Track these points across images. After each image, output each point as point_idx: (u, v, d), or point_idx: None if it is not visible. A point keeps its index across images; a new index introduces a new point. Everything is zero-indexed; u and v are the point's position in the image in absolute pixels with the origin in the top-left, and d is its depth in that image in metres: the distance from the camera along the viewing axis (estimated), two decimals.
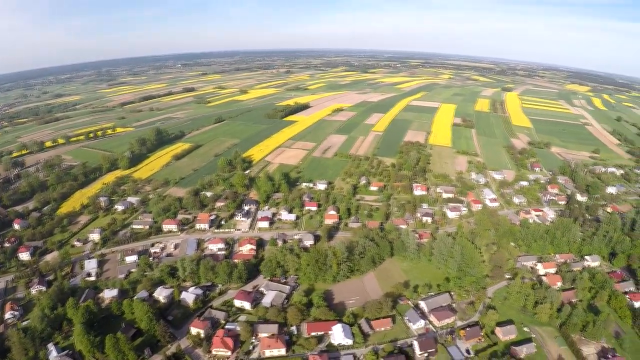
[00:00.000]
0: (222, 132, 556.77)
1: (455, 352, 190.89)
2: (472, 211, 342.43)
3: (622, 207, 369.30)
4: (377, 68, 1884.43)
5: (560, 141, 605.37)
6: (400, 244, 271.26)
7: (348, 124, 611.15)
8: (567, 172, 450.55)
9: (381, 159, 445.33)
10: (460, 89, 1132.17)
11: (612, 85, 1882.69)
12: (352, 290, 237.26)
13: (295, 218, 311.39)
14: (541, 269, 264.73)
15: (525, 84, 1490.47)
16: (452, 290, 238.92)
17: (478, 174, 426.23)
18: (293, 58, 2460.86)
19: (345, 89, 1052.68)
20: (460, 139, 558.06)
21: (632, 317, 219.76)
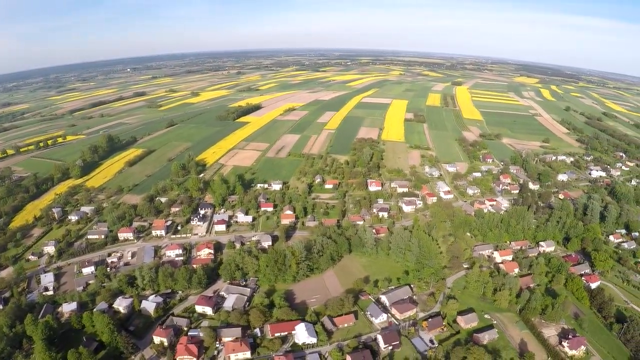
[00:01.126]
0: (174, 136, 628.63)
1: (419, 343, 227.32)
2: (427, 204, 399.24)
3: (574, 193, 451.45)
4: (328, 66, 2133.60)
5: (511, 132, 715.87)
6: (358, 240, 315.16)
7: (301, 123, 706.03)
8: (518, 162, 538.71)
9: (335, 157, 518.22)
10: (411, 85, 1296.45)
11: (560, 76, 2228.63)
12: (313, 288, 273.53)
13: (251, 219, 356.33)
14: (498, 257, 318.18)
15: (474, 77, 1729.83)
16: (412, 282, 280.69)
17: (431, 167, 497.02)
18: (244, 59, 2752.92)
19: (297, 88, 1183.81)
20: (412, 134, 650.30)
21: (589, 297, 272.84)
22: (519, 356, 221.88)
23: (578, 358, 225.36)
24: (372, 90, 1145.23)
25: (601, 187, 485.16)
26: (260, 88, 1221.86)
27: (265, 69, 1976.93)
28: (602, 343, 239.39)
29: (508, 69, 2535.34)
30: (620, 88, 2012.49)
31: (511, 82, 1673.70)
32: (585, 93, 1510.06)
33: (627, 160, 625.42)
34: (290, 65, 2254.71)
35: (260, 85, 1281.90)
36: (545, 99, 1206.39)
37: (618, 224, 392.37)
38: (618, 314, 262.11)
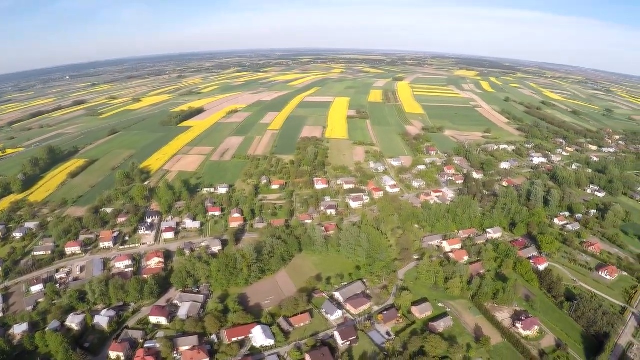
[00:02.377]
0: (117, 144, 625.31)
1: (376, 337, 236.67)
2: (374, 199, 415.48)
3: (517, 180, 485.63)
4: (269, 67, 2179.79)
5: (453, 124, 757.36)
6: (308, 238, 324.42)
7: (244, 125, 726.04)
8: (461, 153, 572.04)
9: (280, 157, 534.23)
10: (352, 82, 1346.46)
11: (499, 68, 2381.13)
12: (267, 290, 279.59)
13: (200, 225, 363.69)
14: (447, 246, 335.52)
15: (415, 73, 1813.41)
16: (364, 277, 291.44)
17: (376, 162, 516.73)
18: (185, 62, 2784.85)
19: (239, 90, 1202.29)
20: (356, 131, 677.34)
21: (539, 279, 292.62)
22: (475, 341, 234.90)
23: (532, 338, 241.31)
24: (314, 89, 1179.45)
25: (543, 172, 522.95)
26: (202, 91, 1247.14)
27: (206, 72, 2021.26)
28: (554, 322, 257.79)
29: (448, 63, 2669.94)
30: (557, 77, 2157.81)
31: (451, 75, 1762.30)
32: (523, 83, 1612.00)
33: (566, 146, 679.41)
34: (231, 67, 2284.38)
35: (202, 89, 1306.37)
36: (485, 91, 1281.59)
37: (561, 207, 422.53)
38: (567, 293, 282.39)
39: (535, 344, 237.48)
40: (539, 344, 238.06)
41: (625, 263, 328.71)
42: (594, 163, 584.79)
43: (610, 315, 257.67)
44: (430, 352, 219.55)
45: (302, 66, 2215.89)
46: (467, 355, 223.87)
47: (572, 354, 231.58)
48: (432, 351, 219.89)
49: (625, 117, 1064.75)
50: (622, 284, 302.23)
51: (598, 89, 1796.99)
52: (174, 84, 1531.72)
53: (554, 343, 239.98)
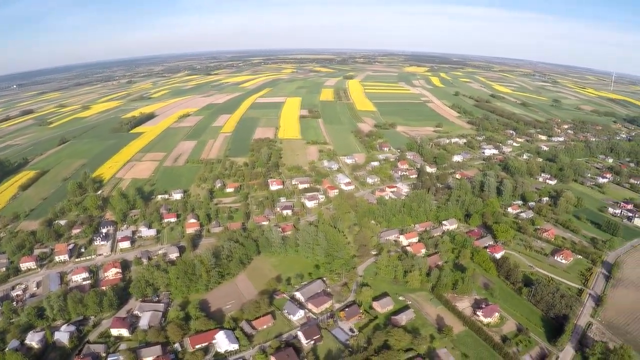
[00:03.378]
0: (68, 153, 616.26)
1: (340, 334, 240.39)
2: (329, 197, 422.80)
3: (470, 172, 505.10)
4: (220, 69, 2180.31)
5: (405, 120, 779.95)
6: (265, 240, 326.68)
7: (196, 129, 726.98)
8: (414, 148, 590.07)
9: (234, 160, 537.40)
10: (303, 82, 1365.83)
11: (448, 64, 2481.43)
12: (227, 294, 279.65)
13: (156, 233, 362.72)
14: (404, 240, 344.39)
15: (365, 70, 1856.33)
16: (324, 276, 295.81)
17: (330, 161, 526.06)
18: (134, 67, 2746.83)
19: (190, 94, 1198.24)
20: (308, 130, 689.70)
21: (496, 267, 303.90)
22: (437, 331, 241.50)
23: (494, 324, 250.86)
24: (266, 89, 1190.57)
25: (495, 164, 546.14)
26: (152, 96, 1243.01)
27: (156, 76, 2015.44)
28: (514, 307, 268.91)
29: (398, 60, 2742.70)
30: (505, 71, 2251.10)
31: (401, 72, 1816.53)
32: (472, 78, 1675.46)
33: (516, 137, 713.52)
34: (182, 70, 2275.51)
35: (152, 93, 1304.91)
36: (435, 86, 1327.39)
37: (514, 196, 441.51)
38: (525, 279, 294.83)
39: (496, 330, 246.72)
40: (500, 330, 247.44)
41: (579, 247, 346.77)
42: (544, 152, 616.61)
43: (568, 297, 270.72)
44: (394, 346, 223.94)
45: (253, 67, 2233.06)
46: (431, 346, 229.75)
47: (534, 338, 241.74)
48: (396, 344, 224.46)
49: (573, 106, 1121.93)
50: (578, 267, 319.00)
51: (545, 80, 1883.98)
52: (124, 89, 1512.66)
53: (515, 328, 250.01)
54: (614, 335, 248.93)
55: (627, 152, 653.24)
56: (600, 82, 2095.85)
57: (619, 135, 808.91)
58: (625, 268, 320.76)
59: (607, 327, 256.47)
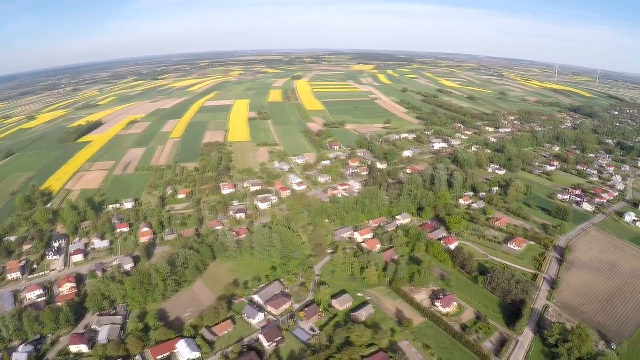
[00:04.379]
0: (14, 166, 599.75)
1: (301, 334, 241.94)
2: (282, 198, 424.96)
3: (420, 167, 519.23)
4: (167, 73, 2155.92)
5: (354, 118, 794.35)
6: (220, 245, 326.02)
7: (145, 136, 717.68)
8: (364, 145, 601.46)
9: (184, 165, 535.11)
10: (252, 84, 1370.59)
11: (395, 61, 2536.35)
12: (185, 302, 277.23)
13: (109, 244, 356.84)
14: (359, 237, 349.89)
15: (313, 70, 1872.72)
16: (281, 277, 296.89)
17: (281, 162, 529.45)
18: (79, 74, 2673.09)
19: (138, 100, 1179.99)
20: (258, 132, 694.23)
21: (451, 258, 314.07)
22: (398, 325, 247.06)
23: (453, 314, 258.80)
24: (214, 93, 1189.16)
25: (445, 157, 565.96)
26: (99, 104, 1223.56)
27: (103, 83, 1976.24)
28: (471, 296, 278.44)
29: (345, 58, 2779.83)
30: (451, 66, 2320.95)
31: (349, 70, 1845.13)
32: (419, 74, 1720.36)
33: (465, 130, 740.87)
34: (128, 76, 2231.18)
35: (99, 101, 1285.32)
36: (382, 83, 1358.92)
37: (465, 187, 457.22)
38: (480, 268, 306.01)
39: (456, 319, 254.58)
40: (459, 319, 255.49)
41: (531, 233, 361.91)
42: (492, 144, 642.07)
43: (523, 283, 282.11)
44: (356, 342, 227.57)
45: (200, 71, 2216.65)
46: (393, 340, 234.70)
47: (493, 324, 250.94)
48: (357, 340, 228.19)
49: (518, 98, 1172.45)
50: (531, 253, 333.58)
51: (491, 74, 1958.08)
52: (70, 97, 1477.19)
53: (474, 316, 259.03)
54: (570, 316, 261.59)
55: (572, 140, 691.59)
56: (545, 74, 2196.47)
57: (564, 125, 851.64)
58: (577, 251, 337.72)
59: (563, 309, 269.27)
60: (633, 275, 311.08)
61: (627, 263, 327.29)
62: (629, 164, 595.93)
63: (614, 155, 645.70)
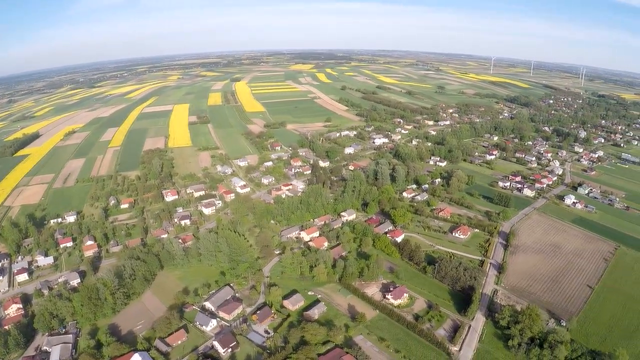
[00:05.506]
0: None
1: (256, 337, 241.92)
2: (226, 202, 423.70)
3: (362, 163, 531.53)
4: (104, 80, 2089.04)
5: (294, 118, 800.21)
6: (167, 254, 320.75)
7: (84, 146, 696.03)
8: (306, 144, 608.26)
9: (125, 174, 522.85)
10: (190, 88, 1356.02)
11: (334, 59, 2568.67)
12: (136, 315, 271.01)
13: (53, 260, 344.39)
14: (306, 236, 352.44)
15: (252, 71, 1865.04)
16: (230, 281, 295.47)
17: (223, 165, 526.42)
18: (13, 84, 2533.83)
19: (75, 109, 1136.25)
20: (199, 136, 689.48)
21: (398, 250, 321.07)
22: (351, 320, 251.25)
23: (404, 305, 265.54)
24: (152, 98, 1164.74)
25: (386, 152, 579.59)
26: (36, 114, 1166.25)
27: (38, 93, 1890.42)
28: (421, 286, 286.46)
29: (283, 59, 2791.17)
30: (389, 62, 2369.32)
31: (288, 70, 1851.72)
32: (358, 71, 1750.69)
33: (405, 125, 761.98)
34: (65, 84, 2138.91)
35: (35, 112, 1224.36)
36: (321, 82, 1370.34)
37: (408, 180, 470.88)
38: (428, 258, 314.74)
39: (408, 310, 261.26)
40: (411, 309, 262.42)
41: (475, 221, 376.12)
42: (432, 136, 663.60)
43: (471, 269, 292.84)
44: (311, 340, 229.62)
45: (138, 76, 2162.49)
46: (347, 335, 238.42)
47: (445, 312, 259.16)
48: (312, 339, 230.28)
49: (456, 91, 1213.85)
50: (476, 240, 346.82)
51: (429, 69, 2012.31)
52: (5, 109, 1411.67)
53: (425, 306, 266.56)
54: (519, 297, 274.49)
55: (510, 129, 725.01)
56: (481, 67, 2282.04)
57: (501, 115, 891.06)
58: (520, 235, 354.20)
59: (512, 292, 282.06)
60: (576, 254, 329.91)
61: (570, 243, 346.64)
62: (565, 149, 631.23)
63: (551, 141, 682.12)
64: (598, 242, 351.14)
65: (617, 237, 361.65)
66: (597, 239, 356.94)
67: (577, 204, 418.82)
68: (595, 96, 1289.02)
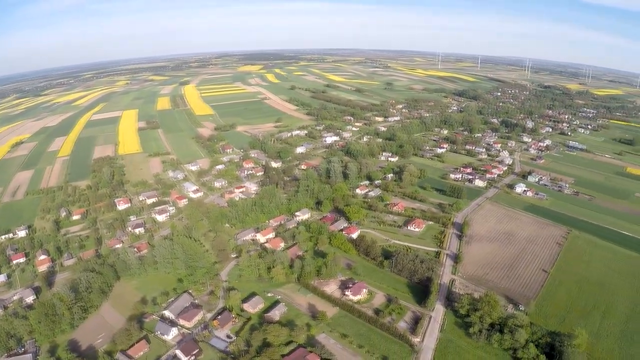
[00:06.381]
0: None
1: (218, 343, 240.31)
2: (179, 208, 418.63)
3: (314, 161, 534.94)
4: (50, 88, 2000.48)
5: (244, 119, 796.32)
6: (122, 264, 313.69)
7: (32, 157, 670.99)
8: (257, 146, 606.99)
9: (76, 185, 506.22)
10: (139, 93, 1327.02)
11: (282, 59, 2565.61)
12: (95, 328, 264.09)
13: (6, 278, 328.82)
14: (261, 238, 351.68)
15: (200, 74, 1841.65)
16: (189, 288, 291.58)
17: (175, 170, 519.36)
18: None
19: (21, 119, 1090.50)
20: (149, 142, 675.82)
21: (355, 247, 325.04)
22: (312, 319, 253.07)
23: (364, 300, 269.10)
24: (100, 105, 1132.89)
25: (337, 149, 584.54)
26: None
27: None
28: (379, 281, 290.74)
29: (232, 60, 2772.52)
30: (338, 61, 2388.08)
31: (236, 72, 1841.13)
32: (307, 70, 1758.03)
33: (355, 122, 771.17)
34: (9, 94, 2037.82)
35: None
36: (270, 82, 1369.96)
37: (360, 177, 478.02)
38: (384, 252, 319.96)
39: (368, 305, 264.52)
40: (371, 304, 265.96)
41: (428, 213, 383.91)
42: (383, 132, 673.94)
43: (427, 261, 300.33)
44: (274, 342, 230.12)
45: (85, 83, 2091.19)
46: (310, 334, 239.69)
47: (404, 304, 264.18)
48: (275, 340, 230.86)
49: (405, 87, 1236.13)
50: (431, 232, 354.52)
51: (377, 66, 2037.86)
52: None
53: (385, 300, 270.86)
54: (476, 286, 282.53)
55: (459, 123, 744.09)
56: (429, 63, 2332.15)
57: (450, 108, 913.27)
58: (474, 225, 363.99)
59: (469, 280, 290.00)
60: (529, 240, 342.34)
61: (523, 230, 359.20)
62: (514, 139, 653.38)
63: (500, 132, 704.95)
64: (550, 227, 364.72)
65: (568, 221, 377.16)
66: (549, 224, 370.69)
67: (528, 192, 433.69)
68: (541, 87, 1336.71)
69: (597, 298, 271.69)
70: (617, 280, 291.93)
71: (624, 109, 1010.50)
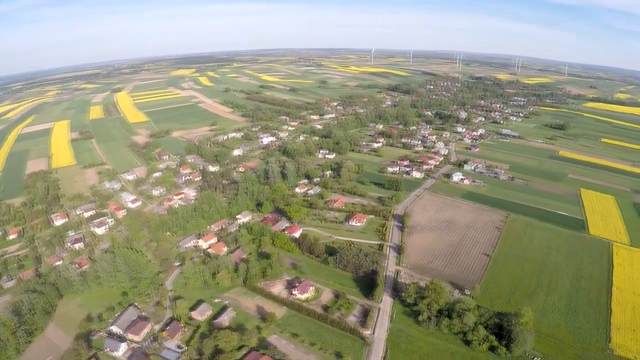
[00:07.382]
0: None
1: (169, 354, 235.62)
2: (118, 219, 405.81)
3: (252, 163, 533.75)
4: None
5: (180, 125, 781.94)
6: (64, 281, 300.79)
7: None
8: (193, 150, 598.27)
9: (9, 202, 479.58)
10: (70, 102, 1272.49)
11: (215, 62, 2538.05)
12: (43, 351, 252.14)
13: None
14: (204, 244, 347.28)
15: (132, 81, 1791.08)
16: (134, 301, 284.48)
17: (111, 181, 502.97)
18: None
19: None
20: (83, 153, 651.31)
21: (298, 246, 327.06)
22: (262, 321, 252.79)
23: (312, 298, 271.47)
24: (31, 117, 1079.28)
25: (274, 150, 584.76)
26: None
27: None
28: (325, 277, 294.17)
29: (164, 65, 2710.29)
30: (271, 61, 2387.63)
31: (169, 77, 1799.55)
32: (240, 72, 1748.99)
33: (291, 121, 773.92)
34: None
35: None
36: (204, 86, 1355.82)
37: (299, 176, 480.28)
38: (328, 249, 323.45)
39: (316, 302, 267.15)
40: (319, 301, 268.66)
41: (369, 208, 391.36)
42: (319, 130, 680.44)
43: (371, 254, 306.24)
44: (225, 348, 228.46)
45: (13, 95, 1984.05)
46: (261, 337, 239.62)
47: (352, 299, 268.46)
48: (226, 346, 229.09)
49: (339, 85, 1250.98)
50: (372, 226, 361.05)
51: (310, 65, 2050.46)
52: None
53: (332, 296, 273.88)
54: (421, 274, 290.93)
55: (394, 117, 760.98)
56: (362, 59, 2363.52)
57: (384, 103, 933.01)
58: (414, 215, 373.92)
59: (414, 270, 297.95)
60: (470, 227, 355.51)
61: (463, 217, 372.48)
62: (448, 130, 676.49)
63: (434, 124, 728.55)
64: (489, 213, 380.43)
65: (506, 206, 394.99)
66: (488, 210, 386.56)
67: (465, 180, 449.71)
68: (472, 79, 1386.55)
69: (539, 277, 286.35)
70: (557, 258, 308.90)
71: (554, 96, 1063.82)
